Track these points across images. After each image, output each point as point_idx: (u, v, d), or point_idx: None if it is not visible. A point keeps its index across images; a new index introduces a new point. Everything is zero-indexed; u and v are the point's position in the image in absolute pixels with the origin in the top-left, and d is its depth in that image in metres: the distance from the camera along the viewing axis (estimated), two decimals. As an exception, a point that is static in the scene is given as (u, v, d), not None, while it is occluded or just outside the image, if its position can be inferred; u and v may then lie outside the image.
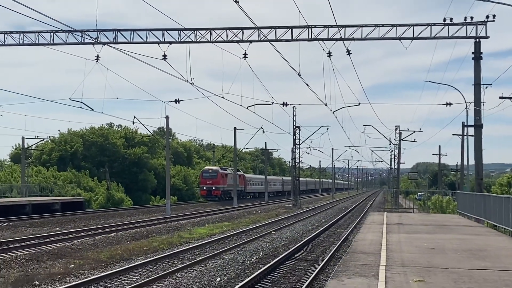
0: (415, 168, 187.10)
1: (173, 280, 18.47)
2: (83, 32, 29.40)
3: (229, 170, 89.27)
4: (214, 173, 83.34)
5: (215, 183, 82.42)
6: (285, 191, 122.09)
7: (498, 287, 12.53)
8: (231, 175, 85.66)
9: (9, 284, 17.34)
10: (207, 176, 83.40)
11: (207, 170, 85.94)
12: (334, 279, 13.60)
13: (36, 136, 71.95)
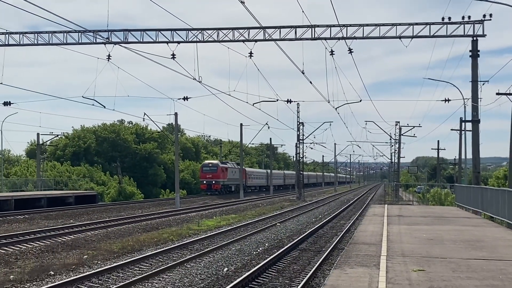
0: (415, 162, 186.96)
1: (182, 270, 18.50)
2: (95, 32, 29.42)
3: (229, 164, 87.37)
4: (214, 167, 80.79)
5: (215, 177, 79.72)
6: (287, 185, 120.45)
7: (495, 276, 12.51)
8: (231, 169, 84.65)
9: (25, 274, 17.40)
10: (207, 170, 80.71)
11: (207, 164, 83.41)
12: (337, 268, 13.61)
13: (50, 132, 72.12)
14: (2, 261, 19.96)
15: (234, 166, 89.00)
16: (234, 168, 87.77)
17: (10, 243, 24.04)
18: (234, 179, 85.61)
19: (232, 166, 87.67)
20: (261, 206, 55.58)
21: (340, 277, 12.37)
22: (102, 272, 17.58)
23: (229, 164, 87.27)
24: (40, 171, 67.60)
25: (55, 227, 30.50)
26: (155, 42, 29.08)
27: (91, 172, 72.92)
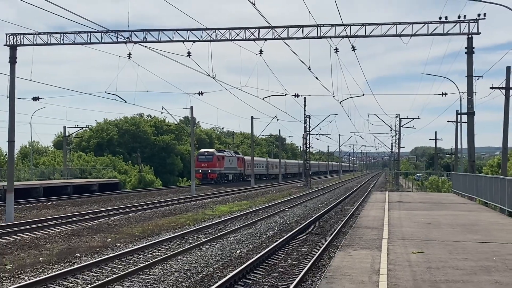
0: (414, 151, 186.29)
1: (198, 252, 18.57)
2: (117, 32, 29.41)
3: (226, 153, 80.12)
4: (210, 156, 73.17)
5: (211, 166, 72.43)
6: (287, 173, 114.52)
7: (489, 257, 12.48)
8: (228, 158, 78.43)
9: (54, 256, 17.51)
10: (202, 159, 72.76)
11: (203, 152, 74.92)
12: (342, 251, 13.61)
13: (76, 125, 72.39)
14: (32, 244, 20.11)
15: (231, 154, 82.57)
16: (231, 156, 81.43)
17: (40, 228, 24.22)
18: (231, 168, 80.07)
19: (229, 154, 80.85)
20: (271, 193, 55.63)
21: (345, 259, 12.38)
22: (125, 254, 17.67)
23: (226, 153, 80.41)
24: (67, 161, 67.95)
25: (81, 213, 30.68)
26: (172, 41, 29.04)
27: (113, 161, 73.30)
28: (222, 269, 15.69)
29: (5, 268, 15.66)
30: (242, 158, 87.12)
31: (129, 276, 14.52)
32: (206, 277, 14.70)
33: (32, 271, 15.29)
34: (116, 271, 15.30)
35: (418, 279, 10.16)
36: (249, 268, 15.19)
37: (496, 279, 10.20)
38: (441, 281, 10.05)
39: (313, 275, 14.62)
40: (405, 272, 10.83)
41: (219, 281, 13.37)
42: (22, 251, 18.57)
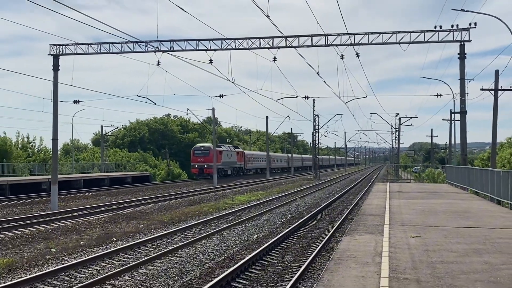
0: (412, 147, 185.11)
1: (220, 236, 18.62)
2: (147, 43, 29.52)
3: (224, 147, 70.90)
4: (206, 151, 64.03)
5: (208, 161, 62.64)
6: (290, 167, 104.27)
7: (480, 241, 12.42)
8: (227, 152, 69.63)
9: (93, 240, 17.66)
10: (198, 153, 64.58)
11: (199, 147, 66.14)
12: (348, 235, 13.60)
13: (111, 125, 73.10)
14: (74, 230, 20.29)
15: (230, 149, 73.26)
16: (230, 151, 72.16)
17: (80, 215, 24.42)
18: (230, 162, 70.95)
19: (228, 149, 71.73)
20: (284, 184, 55.63)
21: (350, 243, 12.37)
22: (155, 238, 17.77)
23: (224, 147, 71.13)
24: (104, 156, 68.45)
25: (116, 202, 30.88)
26: (196, 50, 29.09)
27: (144, 157, 73.70)
28: (241, 252, 15.73)
29: (50, 251, 15.82)
30: (242, 153, 79.20)
31: (159, 258, 14.61)
32: (227, 259, 14.75)
33: (74, 254, 15.44)
34: (148, 254, 15.40)
35: (416, 260, 10.13)
36: (265, 251, 15.22)
37: (486, 260, 10.15)
38: (437, 262, 10.01)
39: (322, 257, 14.61)
40: (404, 254, 10.81)
41: (238, 262, 13.41)
42: (65, 236, 18.75)
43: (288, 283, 11.49)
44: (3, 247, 16.46)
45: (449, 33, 27.28)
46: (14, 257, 14.76)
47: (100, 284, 11.70)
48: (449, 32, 27.27)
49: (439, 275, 8.87)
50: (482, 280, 8.51)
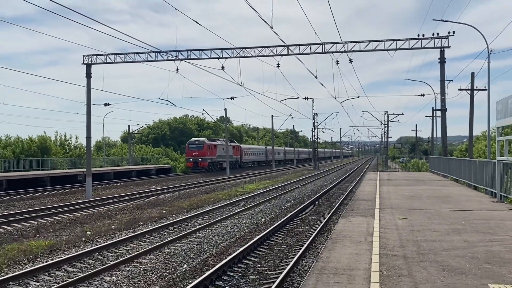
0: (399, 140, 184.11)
1: (232, 220, 18.68)
2: (167, 52, 29.53)
3: (219, 141, 64.87)
4: (200, 145, 58.45)
5: (202, 155, 57.90)
6: (287, 159, 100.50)
7: (459, 221, 12.38)
8: (222, 146, 62.80)
9: (122, 224, 17.75)
10: (193, 147, 58.53)
11: (193, 141, 59.91)
12: (343, 218, 13.59)
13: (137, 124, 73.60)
14: (106, 215, 20.40)
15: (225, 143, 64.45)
16: (225, 145, 63.49)
17: (111, 203, 24.54)
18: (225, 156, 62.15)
19: (223, 143, 64.02)
20: (287, 174, 55.59)
21: (346, 224, 12.37)
22: (176, 222, 17.85)
23: (219, 141, 65.11)
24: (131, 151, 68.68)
25: (142, 191, 31.01)
26: (210, 58, 29.09)
27: (166, 151, 73.85)
28: (251, 233, 15.77)
29: (86, 234, 15.93)
30: (238, 147, 72.75)
31: (180, 239, 14.67)
32: (239, 239, 14.78)
33: (106, 236, 15.53)
34: (170, 236, 15.47)
35: (403, 239, 10.12)
36: (271, 232, 15.25)
37: (465, 239, 10.12)
38: (421, 240, 10.00)
39: (321, 237, 14.62)
40: (393, 234, 10.80)
41: (248, 242, 13.45)
42: (98, 221, 18.86)
43: (292, 260, 11.51)
44: (45, 231, 16.58)
45: (431, 41, 27.17)
46: (55, 239, 14.87)
47: (129, 262, 11.77)
48: (430, 40, 27.16)
49: (423, 252, 8.87)
50: (461, 256, 8.50)
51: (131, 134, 71.97)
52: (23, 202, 25.57)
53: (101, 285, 9.85)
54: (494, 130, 22.82)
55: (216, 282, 9.98)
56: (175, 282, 10.11)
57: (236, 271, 10.94)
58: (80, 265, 11.69)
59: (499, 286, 6.67)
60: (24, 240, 14.72)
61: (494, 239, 9.99)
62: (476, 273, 7.36)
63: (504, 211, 14.38)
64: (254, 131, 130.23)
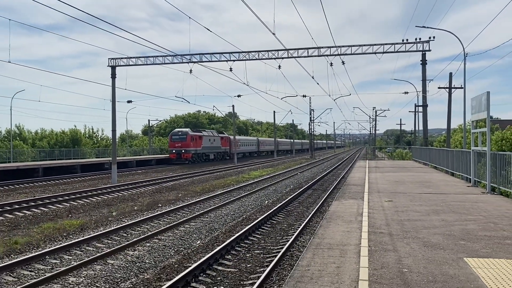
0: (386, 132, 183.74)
1: (239, 202, 18.72)
2: (182, 56, 29.48)
3: (205, 133, 56.51)
4: (183, 136, 50.44)
5: (185, 146, 49.91)
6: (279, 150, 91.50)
7: (438, 203, 12.37)
8: (208, 137, 55.88)
9: (144, 206, 17.83)
10: (176, 138, 50.46)
11: (176, 132, 51.77)
12: (337, 200, 13.60)
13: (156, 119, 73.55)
14: (129, 198, 20.48)
15: (213, 134, 58.92)
16: (212, 136, 58.02)
17: (134, 187, 24.64)
18: (212, 147, 57.39)
19: (210, 134, 57.34)
20: (287, 162, 55.57)
21: (339, 206, 12.38)
22: (191, 204, 17.91)
23: (206, 133, 56.60)
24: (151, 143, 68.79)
25: (161, 177, 31.10)
26: (219, 61, 29.02)
27: (181, 143, 73.93)
28: (256, 214, 15.81)
29: (112, 214, 16.02)
30: (227, 138, 64.46)
31: (194, 219, 14.73)
32: (245, 219, 14.83)
33: (130, 216, 15.61)
34: (185, 216, 15.53)
35: (389, 219, 10.13)
36: (273, 213, 15.29)
37: (443, 218, 10.12)
38: (404, 220, 10.00)
39: (317, 217, 14.65)
40: (380, 214, 10.80)
41: (253, 222, 13.49)
42: (122, 203, 18.94)
43: (292, 236, 11.55)
44: (76, 212, 16.68)
45: (414, 45, 27.01)
46: (85, 219, 14.96)
47: (150, 239, 11.84)
48: (413, 44, 27.00)
49: (406, 230, 8.87)
50: (440, 233, 8.50)
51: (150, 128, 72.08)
52: (57, 187, 25.71)
53: (125, 259, 9.93)
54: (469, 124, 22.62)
55: (226, 256, 10.03)
56: (189, 256, 10.17)
57: (243, 246, 10.99)
58: (107, 241, 11.77)
59: (473, 259, 6.67)
60: (58, 220, 14.83)
61: (469, 219, 9.99)
62: (453, 248, 7.37)
63: (477, 194, 14.36)
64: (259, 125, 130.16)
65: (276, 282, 8.08)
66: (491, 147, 15.48)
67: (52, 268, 9.27)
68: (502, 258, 6.74)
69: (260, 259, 9.88)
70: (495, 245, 7.50)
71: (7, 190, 23.86)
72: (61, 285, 8.12)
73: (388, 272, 6.04)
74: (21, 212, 16.27)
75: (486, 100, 14.06)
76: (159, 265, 9.52)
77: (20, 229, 13.34)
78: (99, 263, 9.56)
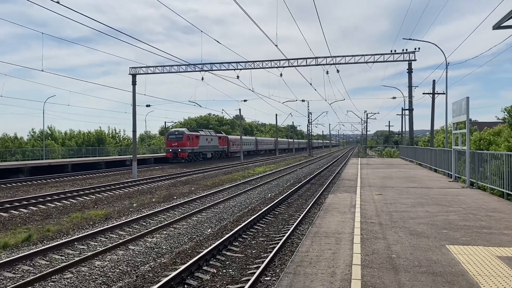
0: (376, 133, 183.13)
1: (246, 195, 18.72)
2: (194, 65, 29.53)
3: (202, 132, 51.76)
4: (180, 135, 46.03)
5: (181, 145, 45.69)
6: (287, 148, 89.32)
7: (423, 196, 12.32)
8: (205, 137, 51.48)
9: (161, 198, 17.86)
10: (172, 138, 45.99)
11: (173, 132, 46.92)
12: (332, 194, 13.58)
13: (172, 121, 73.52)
14: (148, 191, 20.52)
15: (210, 134, 54.47)
16: (210, 135, 53.68)
17: (152, 182, 24.67)
18: (210, 146, 53.00)
19: (207, 134, 53.10)
20: (288, 160, 55.47)
21: (334, 199, 12.35)
22: (202, 197, 17.92)
23: (203, 132, 52.02)
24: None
25: (176, 173, 31.13)
26: (227, 69, 29.03)
27: (194, 142, 73.95)
28: (260, 205, 15.81)
29: (132, 205, 16.07)
30: (225, 137, 59.85)
31: (205, 210, 14.75)
32: (251, 210, 14.84)
33: (148, 207, 15.65)
34: (197, 207, 15.55)
35: (379, 210, 10.10)
36: (275, 204, 15.29)
37: (427, 210, 10.08)
38: (393, 211, 9.98)
39: (314, 208, 14.63)
40: (370, 206, 10.78)
41: (258, 212, 13.50)
42: (142, 195, 18.99)
43: (292, 226, 11.55)
44: (101, 203, 16.75)
45: (401, 55, 26.90)
46: (109, 210, 15.02)
47: (166, 227, 11.87)
48: (401, 54, 26.90)
49: (394, 220, 8.85)
50: (424, 223, 8.48)
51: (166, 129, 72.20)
52: (84, 181, 25.82)
53: (145, 245, 9.96)
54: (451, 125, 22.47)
55: (233, 243, 10.04)
56: (201, 243, 10.19)
57: (249, 234, 11.00)
58: (129, 229, 11.82)
59: (454, 246, 6.65)
60: (85, 210, 14.90)
61: (450, 210, 9.95)
62: (436, 236, 7.34)
63: (458, 189, 14.29)
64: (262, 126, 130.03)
65: (278, 266, 8.09)
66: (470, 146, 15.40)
67: (80, 253, 9.32)
68: (480, 245, 6.71)
69: (264, 246, 9.89)
70: (474, 234, 7.47)
71: (40, 184, 23.99)
72: (88, 268, 8.17)
73: (378, 258, 6.04)
74: (52, 204, 16.35)
75: (466, 104, 14.00)
76: (175, 250, 9.55)
77: (52, 219, 13.42)
78: (121, 248, 9.60)
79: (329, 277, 5.30)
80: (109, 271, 8.01)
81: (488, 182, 12.98)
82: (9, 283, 7.35)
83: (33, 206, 15.62)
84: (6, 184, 23.64)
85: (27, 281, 7.20)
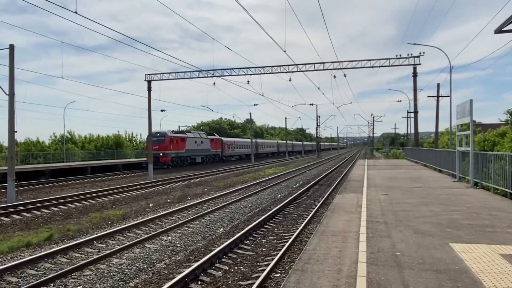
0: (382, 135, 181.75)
1: (256, 196, 18.73)
2: (206, 71, 29.72)
3: (190, 134, 44.50)
4: (161, 137, 38.33)
5: (163, 149, 38.07)
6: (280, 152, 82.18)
7: (427, 196, 12.23)
8: (193, 139, 44.17)
9: (175, 199, 17.96)
10: (154, 140, 36.58)
11: (154, 134, 37.26)
12: (339, 194, 13.55)
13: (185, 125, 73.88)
14: (163, 192, 20.64)
15: (200, 136, 47.25)
16: (200, 138, 46.46)
17: (167, 183, 24.80)
18: (200, 149, 45.90)
19: (196, 136, 45.83)
20: (297, 162, 55.34)
21: (341, 199, 12.33)
22: (214, 198, 17.97)
23: (190, 134, 44.52)
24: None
25: (190, 174, 31.26)
26: (238, 75, 29.17)
27: (207, 145, 74.27)
28: (270, 205, 15.82)
29: (149, 206, 16.19)
30: (219, 140, 53.66)
31: (218, 210, 14.80)
32: (261, 210, 14.86)
33: (163, 207, 15.76)
34: (210, 207, 15.61)
35: (384, 209, 10.06)
36: (285, 205, 15.28)
37: (431, 209, 10.01)
38: (398, 210, 9.92)
39: (322, 208, 14.59)
40: (376, 205, 10.74)
41: (268, 212, 13.51)
42: (157, 196, 19.11)
43: (301, 225, 11.54)
44: (120, 204, 16.91)
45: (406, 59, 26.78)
46: (126, 210, 15.16)
47: (180, 226, 11.95)
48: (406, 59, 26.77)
49: (400, 219, 8.81)
50: (429, 222, 8.42)
51: (180, 133, 72.63)
52: (103, 183, 26.09)
53: (160, 243, 10.05)
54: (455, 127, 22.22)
55: (245, 241, 10.08)
56: (214, 241, 10.25)
57: (259, 233, 11.02)
58: (145, 228, 11.92)
59: (457, 244, 6.60)
60: (104, 211, 15.06)
61: (454, 210, 9.86)
62: (440, 235, 7.29)
63: (462, 188, 14.14)
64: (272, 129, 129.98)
65: (287, 263, 8.10)
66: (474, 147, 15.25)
67: (99, 251, 9.45)
68: (483, 243, 6.65)
69: (273, 244, 9.90)
70: (477, 232, 7.40)
71: (61, 186, 24.32)
72: (107, 265, 8.28)
73: (383, 256, 6.02)
74: (73, 204, 16.57)
75: (470, 106, 13.86)
76: (189, 248, 9.62)
77: (72, 218, 13.61)
78: (138, 246, 9.70)
79: (336, 274, 5.31)
80: (127, 268, 8.10)
81: (492, 182, 12.83)
82: (32, 280, 7.50)
83: (54, 206, 15.85)
84: (29, 186, 24.02)
85: (49, 278, 7.32)
